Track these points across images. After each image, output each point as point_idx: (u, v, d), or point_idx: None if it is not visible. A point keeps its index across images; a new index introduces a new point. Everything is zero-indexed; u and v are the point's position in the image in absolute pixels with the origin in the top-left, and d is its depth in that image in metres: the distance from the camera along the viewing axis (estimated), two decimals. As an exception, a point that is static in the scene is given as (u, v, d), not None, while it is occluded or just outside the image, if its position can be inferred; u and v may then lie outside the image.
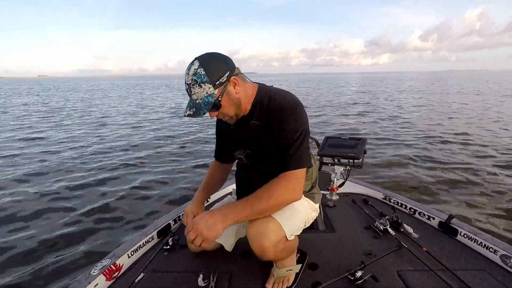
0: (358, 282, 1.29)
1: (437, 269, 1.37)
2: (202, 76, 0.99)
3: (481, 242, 1.51)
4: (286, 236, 1.16)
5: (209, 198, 2.16)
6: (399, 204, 2.02)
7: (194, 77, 0.99)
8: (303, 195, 1.28)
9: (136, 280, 1.36)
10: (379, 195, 2.18)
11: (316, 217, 1.48)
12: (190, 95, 1.04)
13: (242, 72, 1.11)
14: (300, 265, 1.37)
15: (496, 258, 1.44)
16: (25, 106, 15.28)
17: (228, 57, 1.06)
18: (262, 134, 1.15)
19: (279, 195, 1.07)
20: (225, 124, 1.27)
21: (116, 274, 1.41)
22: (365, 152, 2.07)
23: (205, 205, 2.09)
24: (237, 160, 1.32)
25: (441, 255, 1.48)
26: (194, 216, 1.22)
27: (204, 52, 1.06)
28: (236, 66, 1.08)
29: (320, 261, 1.49)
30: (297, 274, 1.36)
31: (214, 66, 1.01)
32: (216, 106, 1.04)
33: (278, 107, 1.10)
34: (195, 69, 0.99)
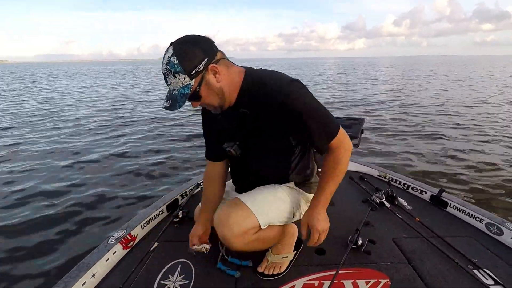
0: (358, 246, 1.42)
1: (428, 236, 1.51)
2: (176, 66, 0.88)
3: (468, 213, 1.65)
4: (259, 225, 1.08)
5: None
6: (394, 180, 2.14)
7: (168, 66, 0.89)
8: (293, 185, 1.25)
9: (151, 249, 1.45)
10: (374, 172, 2.30)
11: None
12: (167, 85, 0.95)
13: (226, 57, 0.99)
14: (294, 253, 1.39)
15: (481, 226, 1.58)
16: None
17: (209, 40, 0.94)
18: (253, 123, 1.06)
19: (343, 164, 1.08)
20: (210, 114, 1.12)
21: (132, 243, 1.49)
22: (362, 132, 2.16)
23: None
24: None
25: (432, 224, 1.62)
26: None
27: (181, 36, 0.93)
28: (219, 50, 0.96)
29: None
30: (290, 261, 1.36)
31: (190, 53, 0.89)
32: (194, 97, 0.95)
33: (273, 93, 0.99)
34: (168, 57, 0.89)
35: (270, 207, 1.13)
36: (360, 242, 1.44)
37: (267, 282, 1.26)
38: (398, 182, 2.13)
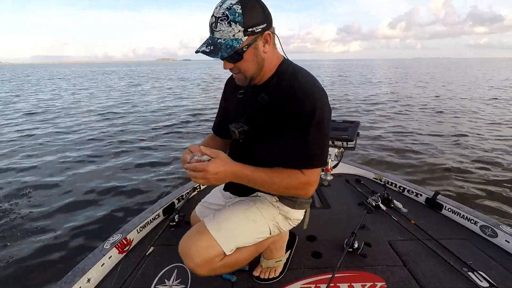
0: (354, 249, 1.42)
1: (424, 238, 1.52)
2: (236, 15, 0.82)
3: (463, 215, 1.67)
4: (224, 253, 1.00)
5: None
6: (389, 183, 2.16)
7: (227, 12, 0.82)
8: (274, 200, 1.14)
9: (146, 253, 1.44)
10: (370, 175, 2.31)
11: (312, 195, 1.53)
12: (212, 31, 0.87)
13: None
14: (288, 253, 1.37)
15: (476, 229, 1.59)
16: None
17: (269, 11, 0.90)
18: (267, 113, 0.99)
19: (291, 189, 0.96)
20: (231, 90, 1.13)
21: (127, 248, 1.49)
22: (358, 135, 2.18)
23: (204, 186, 2.18)
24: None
25: (428, 227, 1.63)
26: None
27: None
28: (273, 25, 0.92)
29: (318, 234, 1.61)
30: (285, 264, 1.36)
31: (254, 10, 0.85)
32: (237, 55, 0.88)
33: (302, 89, 0.93)
34: (231, 3, 0.83)
35: (238, 231, 1.05)
36: (356, 245, 1.45)
37: (263, 286, 1.26)
38: (393, 184, 2.14)
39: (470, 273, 1.29)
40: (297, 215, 1.18)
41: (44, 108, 9.38)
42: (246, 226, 1.07)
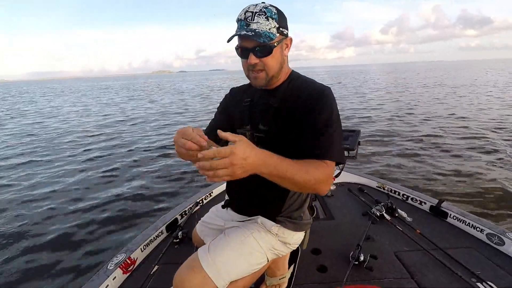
0: (360, 262, 1.41)
1: (430, 248, 1.51)
2: (273, 13, 0.91)
3: (468, 223, 1.65)
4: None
5: (212, 192, 2.23)
6: (393, 191, 2.15)
7: (265, 9, 0.91)
8: (274, 229, 1.10)
9: (151, 273, 1.42)
10: (373, 184, 2.30)
11: (315, 205, 1.51)
12: (248, 23, 0.90)
13: None
14: (292, 267, 1.35)
15: (482, 237, 1.58)
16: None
17: None
18: (275, 118, 1.00)
19: (319, 182, 0.88)
20: (234, 102, 1.14)
21: (132, 267, 1.46)
22: (359, 144, 2.17)
23: (207, 201, 2.17)
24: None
25: (433, 236, 1.61)
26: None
27: None
28: None
29: (323, 246, 1.60)
30: (290, 279, 1.34)
31: (283, 15, 0.96)
32: (269, 49, 0.92)
33: (313, 88, 0.98)
34: (268, 4, 0.93)
35: (234, 265, 1.00)
36: (362, 257, 1.43)
37: None
38: (397, 193, 2.13)
39: (479, 284, 1.27)
40: (297, 237, 1.16)
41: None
42: (242, 260, 1.03)
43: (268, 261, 1.11)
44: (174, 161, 4.89)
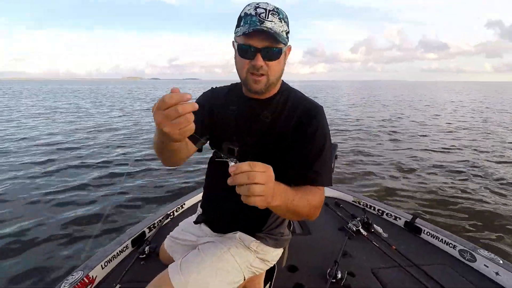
0: (337, 279, 1.36)
1: (405, 265, 1.50)
2: (284, 15, 0.87)
3: (442, 239, 1.67)
4: None
5: (184, 204, 2.11)
6: (368, 206, 2.15)
7: (278, 11, 0.85)
8: (253, 245, 1.03)
9: None
10: (349, 198, 2.29)
11: (293, 221, 1.45)
12: (261, 21, 0.82)
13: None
14: (267, 286, 1.26)
15: (455, 253, 1.60)
16: None
17: None
18: (266, 133, 0.95)
19: (315, 207, 0.86)
20: (220, 105, 1.04)
21: (90, 287, 1.32)
22: (336, 157, 2.17)
23: (178, 213, 2.04)
24: (212, 156, 1.07)
25: (408, 252, 1.61)
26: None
27: None
28: None
29: (299, 263, 1.54)
30: None
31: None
32: (279, 51, 0.86)
33: (305, 101, 0.96)
34: (280, 8, 0.87)
35: (208, 285, 0.92)
36: (339, 275, 1.39)
37: None
38: (372, 207, 2.13)
39: None
40: (276, 254, 1.11)
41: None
42: (218, 279, 0.94)
43: (244, 279, 1.03)
44: (141, 169, 4.66)
